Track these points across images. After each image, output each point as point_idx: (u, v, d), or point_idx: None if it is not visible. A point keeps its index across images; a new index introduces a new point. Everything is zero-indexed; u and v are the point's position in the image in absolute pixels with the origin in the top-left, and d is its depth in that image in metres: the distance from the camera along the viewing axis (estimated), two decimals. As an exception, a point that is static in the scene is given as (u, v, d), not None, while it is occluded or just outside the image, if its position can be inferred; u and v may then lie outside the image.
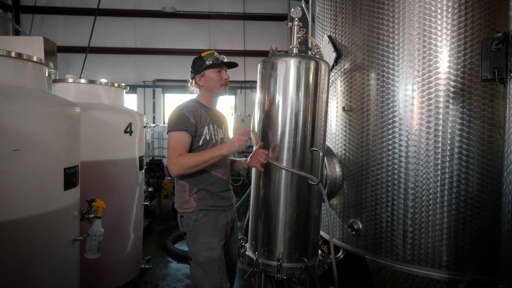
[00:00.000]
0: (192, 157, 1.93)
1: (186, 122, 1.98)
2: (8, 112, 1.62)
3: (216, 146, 2.07)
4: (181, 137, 1.97)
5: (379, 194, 2.39)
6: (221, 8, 10.22)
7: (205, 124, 2.05)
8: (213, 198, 2.06)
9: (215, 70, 2.12)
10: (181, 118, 1.99)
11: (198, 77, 2.12)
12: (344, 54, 2.64)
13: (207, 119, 2.07)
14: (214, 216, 2.05)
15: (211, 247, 1.99)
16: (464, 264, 2.16)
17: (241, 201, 5.18)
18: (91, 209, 2.22)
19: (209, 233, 2.01)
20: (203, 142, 2.03)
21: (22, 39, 3.84)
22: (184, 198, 2.05)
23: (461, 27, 2.12)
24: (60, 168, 1.89)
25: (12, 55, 1.80)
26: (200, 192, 2.04)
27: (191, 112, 2.01)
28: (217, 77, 2.12)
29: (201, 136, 2.03)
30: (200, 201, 2.03)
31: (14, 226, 1.64)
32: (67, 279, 1.98)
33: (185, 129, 1.97)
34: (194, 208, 2.02)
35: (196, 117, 2.02)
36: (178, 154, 1.94)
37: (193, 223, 2.02)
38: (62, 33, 9.88)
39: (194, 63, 2.15)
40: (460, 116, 2.13)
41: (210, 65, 2.09)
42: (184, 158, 1.93)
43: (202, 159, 1.93)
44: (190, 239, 2.03)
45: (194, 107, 2.06)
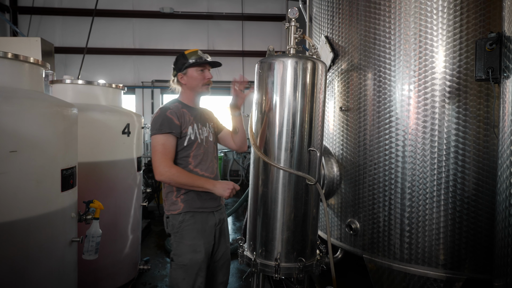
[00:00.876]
0: (185, 176, 1.93)
1: (171, 124, 1.95)
2: (5, 114, 1.63)
3: (202, 147, 2.07)
4: (167, 140, 1.94)
5: (376, 193, 2.40)
6: (220, 8, 10.23)
7: (189, 124, 2.03)
8: (200, 199, 2.03)
9: (198, 68, 2.08)
10: (165, 120, 1.95)
11: (181, 75, 2.09)
12: (341, 54, 2.65)
13: (190, 119, 2.05)
14: (201, 218, 2.02)
15: (196, 249, 1.96)
16: (460, 262, 2.17)
17: (240, 201, 5.19)
18: (88, 210, 2.23)
19: (195, 236, 1.98)
20: (188, 143, 2.01)
21: (20, 40, 3.84)
22: (172, 199, 2.03)
23: (456, 27, 2.13)
24: (57, 169, 1.89)
25: (9, 56, 1.81)
26: (188, 193, 2.01)
27: (174, 113, 1.98)
28: (199, 76, 2.09)
29: (185, 136, 2.01)
30: (188, 202, 2.00)
31: (11, 228, 1.64)
32: (65, 280, 1.98)
33: (170, 132, 1.94)
34: (181, 210, 1.99)
35: (180, 118, 1.99)
36: (168, 159, 1.92)
37: (179, 225, 1.99)
38: (60, 34, 9.87)
39: (177, 60, 2.11)
40: (456, 116, 2.14)
41: (193, 63, 2.06)
42: (177, 171, 1.93)
43: (191, 183, 1.93)
44: (175, 241, 2.00)
45: (177, 108, 2.03)
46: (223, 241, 2.19)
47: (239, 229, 5.44)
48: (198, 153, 2.06)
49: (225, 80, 10.30)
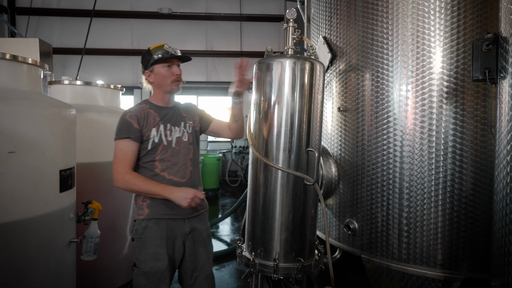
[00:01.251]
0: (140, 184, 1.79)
1: (129, 128, 1.82)
2: (3, 114, 1.63)
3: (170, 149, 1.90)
4: (126, 145, 1.82)
5: (375, 194, 2.40)
6: (218, 9, 10.23)
7: (153, 126, 1.87)
8: (168, 205, 1.84)
9: (164, 65, 1.90)
10: (124, 125, 1.83)
11: (147, 72, 1.93)
12: (339, 55, 2.66)
13: (156, 120, 1.89)
14: (165, 225, 1.86)
15: (158, 258, 1.83)
16: (458, 262, 2.18)
17: (238, 202, 5.20)
18: (87, 211, 2.23)
19: (157, 244, 1.84)
20: (152, 146, 1.86)
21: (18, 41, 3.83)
22: (138, 203, 1.90)
23: (453, 28, 2.14)
24: (56, 170, 1.89)
25: (7, 57, 1.81)
26: (155, 198, 1.85)
27: (134, 116, 1.84)
28: (167, 73, 1.90)
29: (148, 140, 1.86)
30: (153, 208, 1.86)
31: (9, 229, 1.65)
32: (63, 281, 1.98)
33: (128, 136, 1.81)
34: (145, 215, 1.85)
35: (141, 121, 1.85)
36: (124, 166, 1.80)
37: (142, 231, 1.85)
38: (58, 34, 9.85)
39: (143, 57, 1.95)
40: (454, 116, 2.15)
41: (158, 59, 1.88)
42: (132, 178, 1.79)
43: (147, 190, 1.79)
44: (137, 246, 1.87)
45: (140, 110, 1.88)
46: (203, 252, 1.99)
47: (237, 230, 5.44)
48: (165, 156, 1.88)
49: (224, 80, 10.33)
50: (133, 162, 1.84)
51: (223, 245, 4.78)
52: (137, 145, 1.85)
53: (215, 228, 5.49)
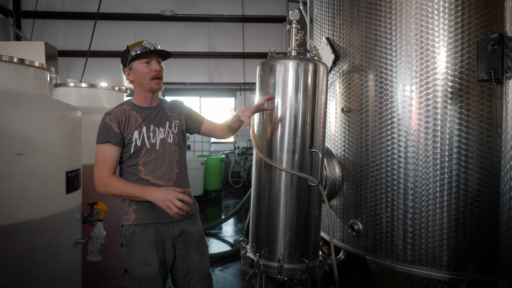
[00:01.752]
0: (117, 185, 1.70)
1: (109, 132, 1.74)
2: (11, 117, 1.65)
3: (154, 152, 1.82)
4: (106, 150, 1.74)
5: (379, 194, 2.40)
6: (220, 10, 10.26)
7: (135, 129, 1.78)
8: (155, 209, 1.78)
9: (142, 61, 1.80)
10: (103, 128, 1.75)
11: (127, 71, 1.83)
12: (342, 55, 2.66)
13: (138, 122, 1.80)
14: (154, 230, 1.80)
15: (148, 262, 1.78)
16: (464, 264, 2.17)
17: (242, 203, 5.20)
18: (93, 212, 2.24)
19: (147, 249, 1.78)
20: (134, 150, 1.78)
21: (23, 44, 3.86)
22: (124, 208, 1.83)
23: (458, 27, 2.13)
24: (62, 171, 1.91)
25: (14, 61, 1.83)
26: (141, 203, 1.78)
27: (114, 119, 1.76)
28: (145, 69, 1.79)
29: (131, 143, 1.77)
30: (139, 213, 1.79)
31: (17, 229, 1.66)
32: (69, 281, 2.00)
33: (108, 141, 1.73)
34: (132, 221, 1.79)
35: (122, 123, 1.76)
36: (104, 170, 1.72)
37: (130, 236, 1.79)
38: (63, 37, 9.93)
39: (122, 55, 1.85)
40: (458, 116, 2.15)
41: (136, 56, 1.77)
42: (111, 181, 1.70)
43: (125, 191, 1.70)
44: (126, 252, 1.82)
45: (121, 112, 1.79)
46: (195, 253, 1.92)
47: (241, 231, 5.45)
48: (149, 160, 1.80)
49: (226, 81, 10.36)
50: (113, 167, 1.76)
51: (227, 246, 4.79)
52: (118, 149, 1.76)
53: (218, 229, 5.49)
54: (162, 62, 1.89)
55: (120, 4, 9.95)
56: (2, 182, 1.61)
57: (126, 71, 1.84)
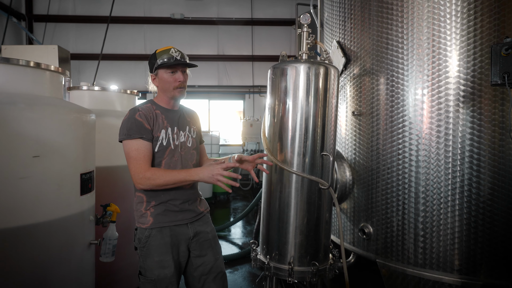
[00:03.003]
0: (162, 175, 1.71)
1: (140, 128, 1.74)
2: (28, 120, 1.69)
3: (177, 153, 1.84)
4: (141, 145, 1.73)
5: (390, 198, 2.39)
6: (229, 14, 10.33)
7: (162, 128, 1.81)
8: (172, 213, 1.82)
9: (168, 70, 1.84)
10: (133, 124, 1.74)
11: (152, 76, 1.89)
12: (353, 59, 2.66)
13: (163, 122, 1.83)
14: (170, 232, 1.81)
15: (164, 265, 1.78)
16: (476, 268, 2.15)
17: (251, 206, 5.21)
18: (106, 214, 2.27)
19: (162, 251, 1.79)
20: (159, 148, 1.80)
21: (37, 48, 3.94)
22: (141, 211, 1.82)
23: (470, 31, 2.13)
24: (77, 173, 1.94)
25: (31, 65, 1.87)
26: (158, 206, 1.80)
27: (143, 116, 1.77)
28: (170, 78, 1.84)
29: (157, 141, 1.79)
30: (157, 217, 1.80)
31: (33, 230, 1.70)
32: (83, 281, 2.03)
33: (140, 137, 1.73)
34: (150, 224, 1.79)
35: (151, 121, 1.78)
36: (142, 164, 1.71)
37: (146, 239, 1.79)
38: (74, 40, 10.08)
39: (150, 59, 1.90)
40: (471, 120, 2.13)
41: (162, 64, 1.82)
42: (153, 173, 1.70)
43: (172, 178, 1.71)
44: (141, 255, 1.82)
45: (148, 110, 1.81)
46: (210, 254, 1.94)
47: (249, 233, 5.45)
48: (172, 161, 1.83)
49: (236, 84, 10.40)
50: (150, 161, 1.76)
51: (236, 248, 4.80)
52: (150, 145, 1.77)
53: (227, 231, 5.51)
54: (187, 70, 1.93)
55: (130, 8, 10.08)
56: (19, 183, 1.65)
57: (151, 76, 1.89)
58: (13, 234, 1.63)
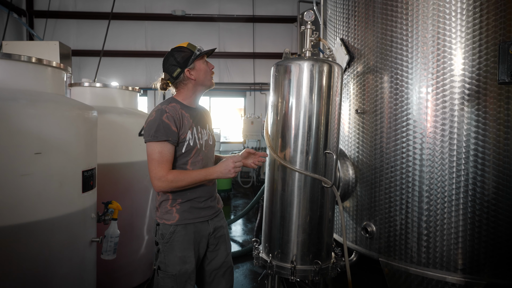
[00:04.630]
0: (183, 177, 1.74)
1: (167, 131, 1.74)
2: (30, 117, 1.67)
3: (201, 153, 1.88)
4: (165, 149, 1.74)
5: (393, 196, 2.38)
6: (230, 10, 10.28)
7: (188, 129, 1.82)
8: (196, 210, 1.87)
9: (203, 60, 1.89)
10: (161, 126, 1.73)
11: (189, 70, 1.85)
12: (356, 56, 2.64)
13: (189, 122, 1.84)
14: (193, 229, 1.86)
15: (186, 261, 1.82)
16: (480, 267, 2.14)
17: (251, 204, 5.20)
18: (107, 211, 2.26)
19: (185, 247, 1.83)
20: (186, 149, 1.81)
21: (38, 44, 3.92)
22: (166, 208, 1.84)
23: (476, 29, 2.10)
24: (79, 170, 1.93)
25: (33, 61, 1.85)
26: (184, 204, 1.84)
27: (171, 118, 1.76)
28: (207, 68, 1.90)
29: (184, 142, 1.81)
30: (183, 214, 1.83)
31: (35, 228, 1.69)
32: (84, 280, 2.02)
33: (167, 139, 1.74)
34: (175, 221, 1.82)
35: (178, 122, 1.78)
36: (164, 168, 1.73)
37: (170, 235, 1.82)
38: (75, 37, 10.05)
39: (176, 57, 1.85)
40: (476, 119, 2.11)
41: (199, 54, 1.85)
42: (174, 176, 1.73)
43: (193, 180, 1.76)
44: (163, 250, 1.83)
45: (175, 110, 1.80)
46: (223, 248, 2.01)
47: (250, 231, 5.45)
48: (197, 159, 1.86)
49: (237, 81, 10.37)
50: (171, 165, 1.79)
51: (237, 246, 4.80)
52: (173, 148, 1.78)
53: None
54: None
55: (131, 4, 10.03)
56: (21, 180, 1.63)
57: (187, 72, 1.85)
58: (15, 231, 1.62)
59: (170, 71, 1.87)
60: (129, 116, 2.96)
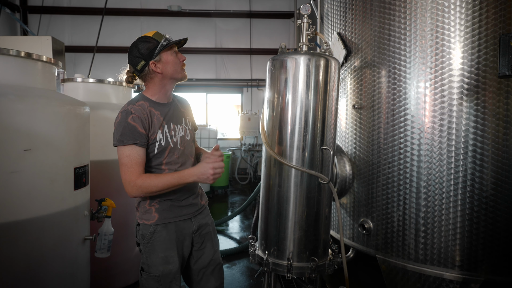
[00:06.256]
0: (154, 182, 1.63)
1: (133, 133, 1.63)
2: (19, 112, 1.63)
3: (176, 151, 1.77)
4: (133, 152, 1.63)
5: (391, 193, 2.36)
6: (227, 6, 10.20)
7: (158, 128, 1.71)
8: (177, 208, 1.79)
9: (171, 51, 1.75)
10: (126, 129, 1.63)
11: (154, 63, 1.71)
12: (354, 51, 2.61)
13: (159, 120, 1.72)
14: (174, 227, 1.78)
15: (169, 261, 1.75)
16: (477, 264, 2.12)
17: (248, 200, 5.18)
18: (101, 208, 2.23)
19: (167, 247, 1.75)
20: (158, 150, 1.71)
21: (31, 39, 3.85)
22: (145, 207, 1.77)
23: (475, 22, 2.07)
24: (70, 167, 1.89)
25: (22, 55, 1.81)
26: (163, 202, 1.76)
27: (137, 119, 1.64)
28: (176, 59, 1.76)
29: (155, 143, 1.70)
30: (163, 213, 1.75)
31: (26, 226, 1.65)
32: (78, 278, 1.98)
33: (134, 143, 1.63)
34: (155, 221, 1.74)
35: (145, 123, 1.66)
36: (135, 172, 1.62)
37: (150, 236, 1.74)
38: (69, 32, 9.95)
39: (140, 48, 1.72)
40: (474, 114, 2.09)
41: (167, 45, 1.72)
42: (144, 181, 1.62)
43: (165, 184, 1.63)
44: (145, 251, 1.76)
45: (142, 110, 1.68)
46: (209, 246, 1.94)
47: (247, 228, 5.43)
48: (172, 159, 1.76)
49: (233, 78, 10.31)
50: (143, 168, 1.67)
51: (234, 243, 4.78)
52: (144, 150, 1.67)
53: (224, 225, 5.48)
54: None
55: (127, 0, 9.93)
56: (10, 178, 1.59)
57: (152, 64, 1.71)
58: (5, 229, 1.58)
59: (134, 63, 1.74)
60: (123, 112, 2.91)
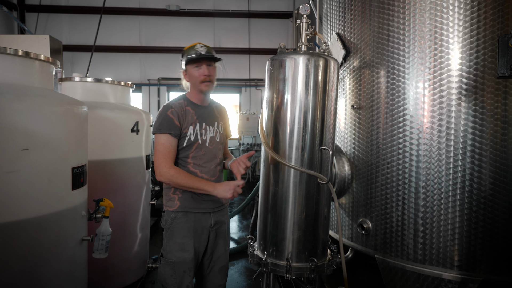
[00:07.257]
0: (183, 178, 1.92)
1: (170, 124, 1.94)
2: (16, 112, 1.62)
3: (204, 148, 2.03)
4: (167, 140, 1.94)
5: (389, 193, 2.36)
6: (226, 6, 10.20)
7: (190, 124, 1.99)
8: (197, 200, 2.02)
9: (193, 65, 2.02)
10: (165, 120, 1.94)
11: (184, 72, 2.08)
12: (353, 51, 2.61)
13: (193, 118, 2.01)
14: (194, 218, 2.00)
15: (185, 248, 1.95)
16: (476, 264, 2.13)
17: (247, 200, 5.17)
18: (98, 209, 2.21)
19: (185, 235, 1.97)
20: (187, 143, 1.98)
21: (28, 37, 3.84)
22: (169, 195, 2.03)
23: (473, 23, 2.07)
24: (68, 167, 1.88)
25: (19, 54, 1.79)
26: (186, 193, 2.00)
27: (175, 113, 1.96)
28: (196, 73, 2.01)
29: (185, 137, 1.98)
30: (184, 201, 2.00)
31: (22, 226, 1.63)
32: (75, 279, 1.97)
33: (169, 132, 1.93)
34: (176, 208, 2.00)
35: (181, 118, 1.96)
36: (168, 160, 1.92)
37: (171, 221, 1.99)
38: (67, 31, 9.91)
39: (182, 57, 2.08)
40: (473, 114, 2.09)
41: (188, 61, 2.00)
42: (176, 173, 1.91)
43: (191, 184, 1.92)
44: (165, 236, 2.01)
45: (180, 106, 1.99)
46: (221, 243, 2.14)
47: (245, 228, 5.43)
48: (198, 154, 2.02)
49: (231, 77, 10.31)
50: (174, 157, 1.94)
51: (232, 243, 4.78)
52: (176, 141, 1.95)
53: (223, 225, 5.48)
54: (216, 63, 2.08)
55: (125, -1, 9.91)
56: (7, 178, 1.58)
57: (183, 73, 2.06)
58: (1, 230, 1.57)
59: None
60: (121, 111, 2.91)
